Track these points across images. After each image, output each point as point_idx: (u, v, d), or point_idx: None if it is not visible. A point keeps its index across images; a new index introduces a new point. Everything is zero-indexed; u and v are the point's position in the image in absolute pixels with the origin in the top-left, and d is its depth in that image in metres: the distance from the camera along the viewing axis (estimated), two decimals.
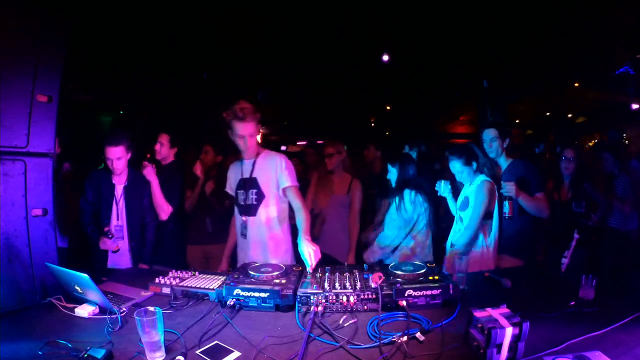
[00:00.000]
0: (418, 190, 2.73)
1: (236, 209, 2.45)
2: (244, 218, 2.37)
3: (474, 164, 2.54)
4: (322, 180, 3.46)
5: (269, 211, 2.34)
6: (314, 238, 2.40)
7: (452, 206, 2.76)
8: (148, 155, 2.71)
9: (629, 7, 3.58)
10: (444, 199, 2.82)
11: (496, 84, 6.04)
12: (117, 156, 2.49)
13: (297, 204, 2.28)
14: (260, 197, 2.33)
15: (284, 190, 2.32)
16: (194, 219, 3.40)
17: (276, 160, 2.34)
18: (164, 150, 3.12)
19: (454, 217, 2.72)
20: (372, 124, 12.45)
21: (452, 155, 2.57)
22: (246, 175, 2.36)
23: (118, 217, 2.58)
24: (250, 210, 2.35)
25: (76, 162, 3.35)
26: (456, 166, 2.56)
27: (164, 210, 2.82)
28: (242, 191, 2.38)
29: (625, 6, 3.59)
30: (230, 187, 2.51)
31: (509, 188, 2.41)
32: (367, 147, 4.26)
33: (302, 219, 2.18)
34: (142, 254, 2.66)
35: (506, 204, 2.45)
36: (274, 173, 2.32)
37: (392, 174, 2.87)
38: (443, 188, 2.69)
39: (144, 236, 2.69)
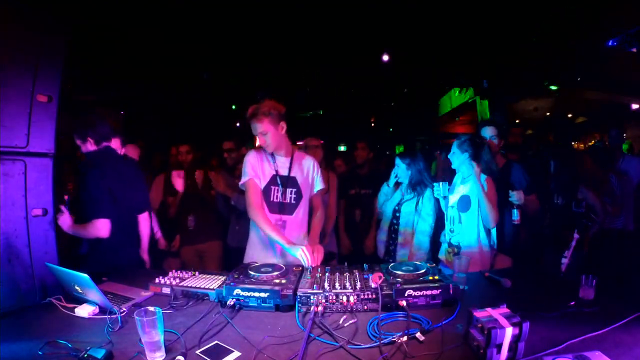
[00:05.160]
0: (432, 186, 2.77)
1: (265, 206, 2.30)
2: (282, 217, 2.30)
3: (475, 156, 2.55)
4: None
5: (304, 212, 2.38)
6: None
7: (444, 208, 2.77)
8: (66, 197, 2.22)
9: (629, 7, 3.58)
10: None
11: (496, 84, 6.05)
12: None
13: (319, 206, 2.42)
14: (299, 196, 2.34)
15: (316, 192, 2.41)
16: (182, 220, 3.41)
17: (310, 161, 2.43)
18: (82, 149, 2.41)
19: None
20: (372, 124, 12.46)
21: (459, 140, 2.60)
22: (283, 172, 2.33)
23: None
24: (286, 209, 2.32)
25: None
26: (458, 152, 2.58)
27: (98, 231, 2.19)
28: (278, 188, 2.32)
29: (625, 6, 3.60)
30: (256, 175, 2.28)
31: (518, 197, 2.52)
32: (357, 147, 3.94)
33: (320, 220, 2.38)
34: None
35: (515, 211, 2.54)
36: (311, 175, 2.40)
37: (401, 170, 2.87)
38: (442, 190, 2.64)
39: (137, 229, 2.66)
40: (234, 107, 8.35)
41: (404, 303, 1.54)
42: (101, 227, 2.18)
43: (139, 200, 2.61)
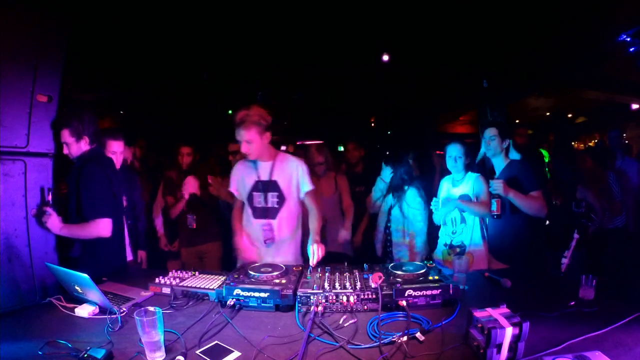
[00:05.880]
0: (418, 189, 2.77)
1: (249, 212, 2.40)
2: (266, 221, 2.34)
3: (469, 159, 2.64)
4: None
5: (289, 213, 2.37)
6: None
7: (436, 217, 2.79)
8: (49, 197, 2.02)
9: (630, 8, 3.58)
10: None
11: (496, 84, 6.04)
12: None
13: (313, 206, 2.38)
14: (282, 200, 2.34)
15: (305, 194, 2.37)
16: (182, 222, 3.41)
17: (295, 163, 2.38)
18: (73, 148, 2.18)
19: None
20: (372, 124, 12.45)
21: (458, 140, 2.67)
22: (264, 177, 2.34)
23: None
24: (269, 213, 2.34)
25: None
26: (456, 150, 2.63)
27: (101, 231, 2.08)
28: (260, 193, 2.35)
29: (626, 7, 3.60)
30: (235, 188, 2.46)
31: (496, 186, 2.40)
32: (347, 147, 3.92)
33: (316, 220, 2.33)
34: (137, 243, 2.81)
35: (494, 202, 2.42)
36: (295, 177, 2.36)
37: (386, 174, 2.91)
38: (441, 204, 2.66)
39: (136, 226, 2.81)
40: (230, 112, 8.33)
41: (404, 303, 1.54)
42: (104, 227, 2.06)
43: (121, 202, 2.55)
